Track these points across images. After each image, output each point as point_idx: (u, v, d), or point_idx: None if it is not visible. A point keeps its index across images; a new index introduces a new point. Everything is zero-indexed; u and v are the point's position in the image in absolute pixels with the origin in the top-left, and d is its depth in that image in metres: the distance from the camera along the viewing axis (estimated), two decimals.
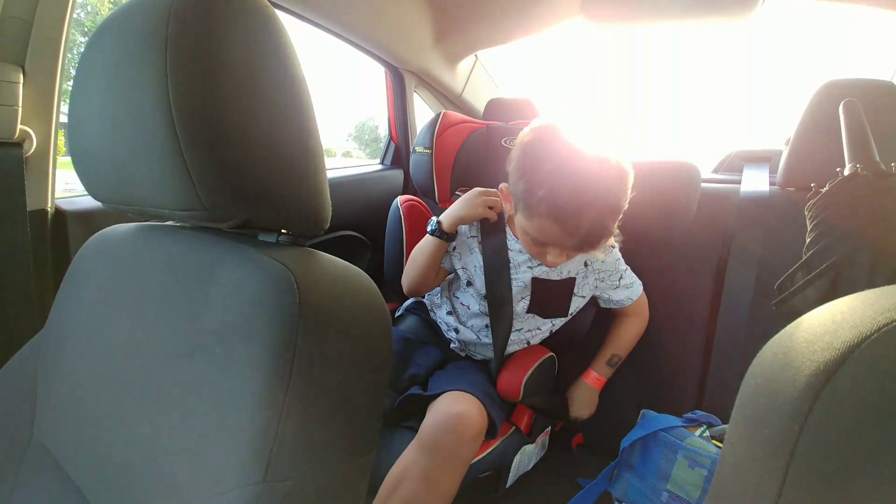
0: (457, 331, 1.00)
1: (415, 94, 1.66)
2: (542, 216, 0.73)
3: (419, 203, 1.24)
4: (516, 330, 0.97)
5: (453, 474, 0.77)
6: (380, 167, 1.67)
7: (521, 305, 0.96)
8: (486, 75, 1.78)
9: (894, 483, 0.18)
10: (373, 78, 1.64)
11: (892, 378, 0.19)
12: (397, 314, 1.14)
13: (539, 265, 0.93)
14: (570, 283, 0.95)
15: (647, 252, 1.26)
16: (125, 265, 0.52)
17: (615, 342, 1.04)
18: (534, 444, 0.99)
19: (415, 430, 0.80)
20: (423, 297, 1.11)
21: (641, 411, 0.91)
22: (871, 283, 0.41)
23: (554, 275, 0.93)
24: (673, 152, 1.31)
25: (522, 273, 0.93)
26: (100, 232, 0.60)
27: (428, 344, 1.02)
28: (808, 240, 0.48)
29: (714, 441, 0.77)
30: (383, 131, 1.75)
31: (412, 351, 0.99)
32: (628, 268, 1.02)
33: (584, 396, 1.04)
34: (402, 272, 1.15)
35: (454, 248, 0.98)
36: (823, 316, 0.25)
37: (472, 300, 0.98)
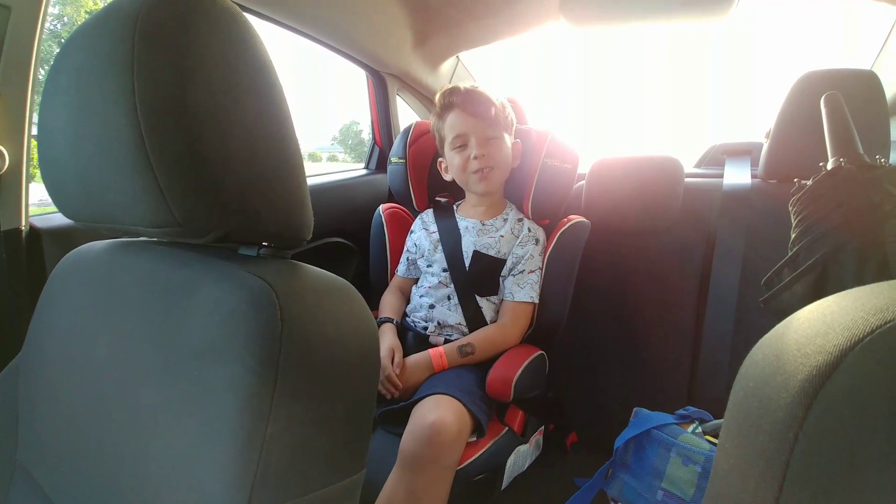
0: (432, 307, 1.05)
1: (398, 97, 1.65)
2: (447, 111, 1.04)
3: (401, 210, 1.24)
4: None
5: (439, 484, 0.77)
6: (365, 172, 1.66)
7: None
8: (468, 76, 1.78)
9: (894, 492, 0.18)
10: (356, 80, 1.63)
11: (888, 383, 0.19)
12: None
13: (481, 238, 1.06)
14: (501, 264, 1.05)
15: (632, 247, 1.27)
16: (100, 284, 0.51)
17: (475, 334, 1.00)
18: (528, 445, 0.98)
19: (399, 435, 0.80)
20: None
21: (634, 409, 0.91)
22: (858, 278, 0.42)
23: (492, 252, 1.05)
24: (654, 148, 1.33)
25: (467, 242, 1.07)
26: (74, 250, 0.58)
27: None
28: (793, 235, 0.48)
29: (707, 437, 0.77)
30: (367, 135, 1.74)
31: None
32: (537, 277, 1.04)
33: (420, 364, 0.95)
34: (387, 279, 1.19)
35: (418, 253, 1.13)
36: (813, 316, 0.25)
37: (433, 278, 1.07)
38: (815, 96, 1.08)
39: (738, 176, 1.27)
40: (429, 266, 1.10)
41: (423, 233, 1.14)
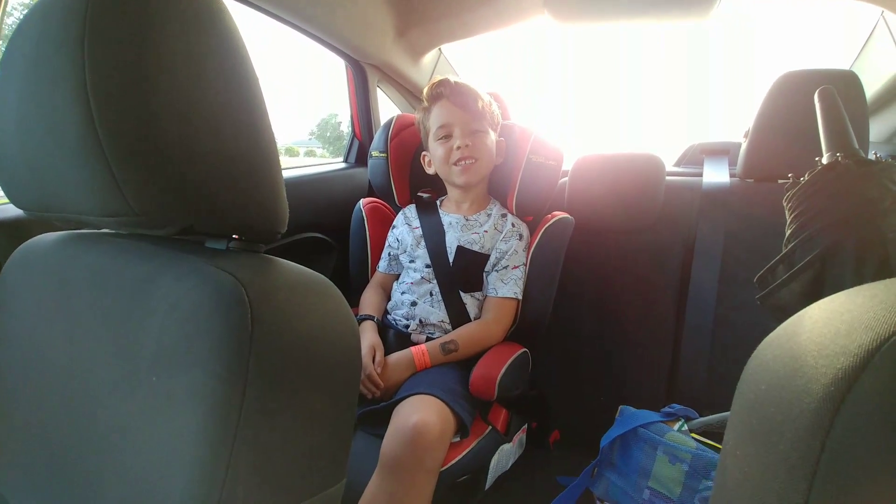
0: (414, 304, 1.03)
1: (378, 89, 1.61)
2: (434, 102, 1.03)
3: (382, 205, 1.22)
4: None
5: (422, 488, 0.75)
6: (344, 165, 1.62)
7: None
8: (450, 70, 1.75)
9: None
10: (335, 72, 1.59)
11: None
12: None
13: (465, 234, 1.05)
14: (484, 260, 1.04)
15: (614, 244, 1.27)
16: (53, 280, 0.46)
17: (458, 331, 0.98)
18: (511, 443, 0.97)
19: (380, 437, 0.77)
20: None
21: (619, 407, 0.90)
22: (857, 275, 0.41)
23: (476, 247, 1.04)
24: (641, 144, 1.33)
25: (450, 238, 1.05)
26: (25, 243, 0.53)
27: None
28: (787, 232, 0.48)
29: (693, 434, 0.77)
30: (346, 128, 1.69)
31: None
32: (521, 273, 1.03)
33: (402, 363, 0.93)
34: (367, 276, 1.17)
35: (400, 248, 1.11)
36: (828, 315, 0.23)
37: (416, 274, 1.05)
38: (794, 96, 1.10)
39: (716, 175, 1.29)
40: (411, 262, 1.07)
41: (405, 228, 1.11)
